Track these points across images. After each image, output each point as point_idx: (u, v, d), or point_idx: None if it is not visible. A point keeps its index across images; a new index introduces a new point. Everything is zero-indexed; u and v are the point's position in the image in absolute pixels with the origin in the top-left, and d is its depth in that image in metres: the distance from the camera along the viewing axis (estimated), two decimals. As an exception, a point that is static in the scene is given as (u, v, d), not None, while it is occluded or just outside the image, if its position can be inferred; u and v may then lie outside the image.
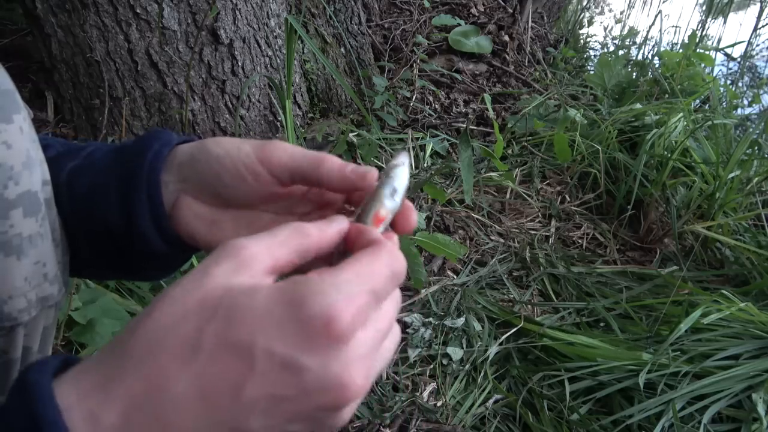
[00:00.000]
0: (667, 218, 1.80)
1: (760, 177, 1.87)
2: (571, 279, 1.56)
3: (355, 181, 0.43)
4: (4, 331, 0.44)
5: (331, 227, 0.36)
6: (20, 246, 0.42)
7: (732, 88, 3.00)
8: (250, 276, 0.31)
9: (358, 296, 0.30)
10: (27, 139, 0.44)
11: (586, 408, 1.17)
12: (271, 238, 0.33)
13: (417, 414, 1.13)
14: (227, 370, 0.29)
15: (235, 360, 0.29)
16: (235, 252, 0.31)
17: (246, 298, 0.30)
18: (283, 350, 0.29)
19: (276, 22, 1.80)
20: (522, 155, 2.13)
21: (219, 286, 0.30)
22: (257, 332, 0.29)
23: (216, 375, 0.28)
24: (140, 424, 0.28)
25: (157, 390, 0.28)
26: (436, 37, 2.58)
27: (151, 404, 0.28)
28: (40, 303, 0.45)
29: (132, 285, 1.20)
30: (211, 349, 0.29)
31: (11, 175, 0.41)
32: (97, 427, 0.28)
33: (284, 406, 0.29)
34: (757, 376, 1.17)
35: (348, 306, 0.29)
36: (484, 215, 1.81)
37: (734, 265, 1.67)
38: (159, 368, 0.28)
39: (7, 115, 0.42)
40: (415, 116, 2.26)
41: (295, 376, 0.29)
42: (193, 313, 0.29)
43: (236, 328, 0.29)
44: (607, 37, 4.22)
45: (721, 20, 3.74)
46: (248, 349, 0.28)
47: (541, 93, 2.47)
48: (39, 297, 0.45)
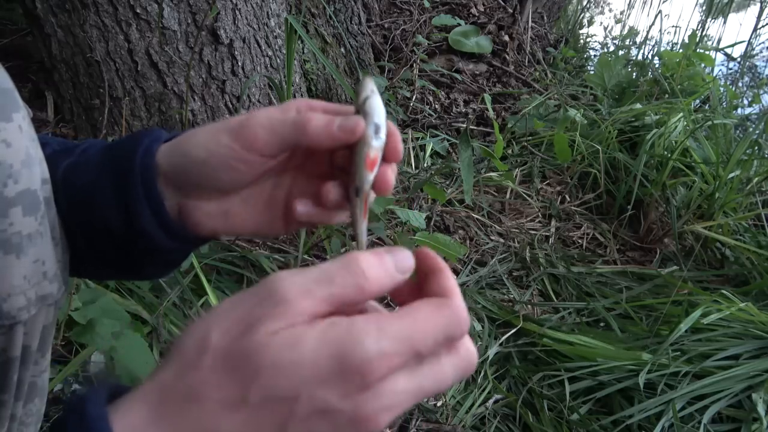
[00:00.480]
0: (667, 218, 1.80)
1: (760, 177, 1.87)
2: (571, 279, 1.56)
3: (345, 138, 0.42)
4: (3, 330, 0.44)
5: (392, 279, 0.34)
6: (20, 244, 0.43)
7: (732, 88, 3.00)
8: (291, 325, 0.31)
9: (399, 355, 0.31)
10: (26, 138, 0.44)
11: (586, 408, 1.17)
12: (318, 283, 0.32)
13: (417, 414, 1.13)
14: (272, 417, 0.30)
15: (279, 408, 0.30)
16: (275, 300, 0.32)
17: (289, 353, 0.30)
18: (323, 397, 0.30)
19: (276, 22, 1.80)
20: (522, 155, 2.13)
21: (259, 343, 0.31)
22: (301, 385, 0.30)
23: (261, 422, 0.30)
24: None
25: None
26: (436, 37, 2.58)
27: None
28: (40, 301, 0.45)
29: (132, 285, 1.20)
30: (258, 402, 0.30)
31: (11, 174, 0.42)
32: None
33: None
34: (757, 376, 1.17)
35: (388, 361, 0.30)
36: (484, 215, 1.81)
37: (734, 265, 1.67)
38: (207, 414, 0.31)
39: (7, 114, 0.42)
40: (415, 116, 2.26)
41: (330, 417, 0.31)
42: (239, 364, 0.31)
43: (281, 384, 0.30)
44: (607, 37, 4.22)
45: (721, 20, 3.74)
46: (293, 399, 0.30)
47: (541, 93, 2.47)
48: (38, 295, 0.45)
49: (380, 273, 0.34)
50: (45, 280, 0.45)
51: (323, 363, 0.30)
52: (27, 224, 0.43)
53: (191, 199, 0.47)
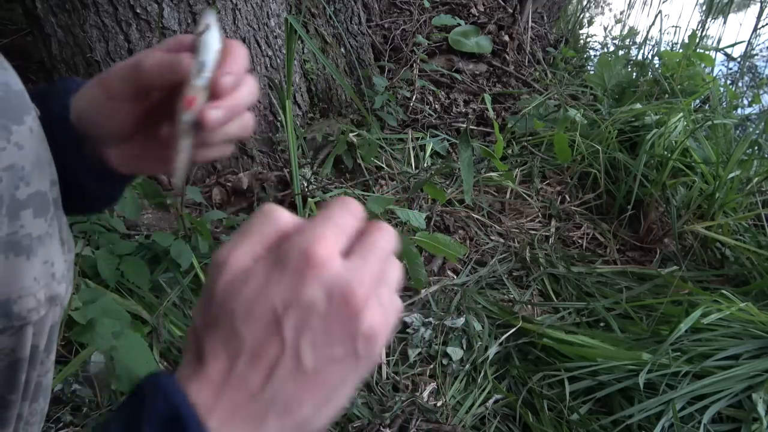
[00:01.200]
0: (667, 218, 1.80)
1: (760, 177, 1.87)
2: (571, 279, 1.56)
3: (170, 77, 0.42)
4: (13, 331, 0.44)
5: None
6: (30, 246, 0.43)
7: (732, 88, 3.00)
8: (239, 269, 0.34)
9: (324, 231, 0.34)
10: (37, 140, 0.44)
11: (586, 408, 1.17)
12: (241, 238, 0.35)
13: (417, 414, 1.13)
14: (266, 340, 0.33)
15: (271, 334, 0.33)
16: (218, 262, 0.35)
17: (244, 286, 0.33)
18: (290, 297, 0.32)
19: (276, 22, 1.80)
20: (522, 155, 2.13)
21: (219, 293, 0.34)
22: (264, 305, 0.33)
23: (257, 344, 0.33)
24: (228, 392, 0.33)
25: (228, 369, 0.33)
26: (436, 37, 2.58)
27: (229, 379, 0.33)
28: (49, 302, 0.45)
29: (132, 285, 1.20)
30: (250, 350, 0.33)
31: (22, 176, 0.42)
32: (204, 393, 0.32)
33: (318, 334, 0.33)
34: (757, 376, 1.17)
35: (315, 240, 0.33)
36: (484, 215, 1.81)
37: (734, 265, 1.67)
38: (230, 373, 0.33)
39: (19, 116, 0.42)
40: (415, 116, 2.26)
41: (310, 310, 0.32)
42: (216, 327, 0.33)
43: (255, 308, 0.33)
44: (607, 37, 4.22)
45: (721, 20, 3.74)
46: (275, 317, 0.33)
47: (541, 93, 2.47)
48: (47, 296, 0.45)
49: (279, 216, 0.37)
50: (54, 281, 0.46)
51: (272, 274, 0.33)
52: (37, 226, 0.43)
53: (102, 146, 0.49)
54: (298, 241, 0.33)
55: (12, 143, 0.41)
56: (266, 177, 1.68)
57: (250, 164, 1.77)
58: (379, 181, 1.88)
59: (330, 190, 1.65)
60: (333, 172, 1.82)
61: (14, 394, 0.49)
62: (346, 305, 0.33)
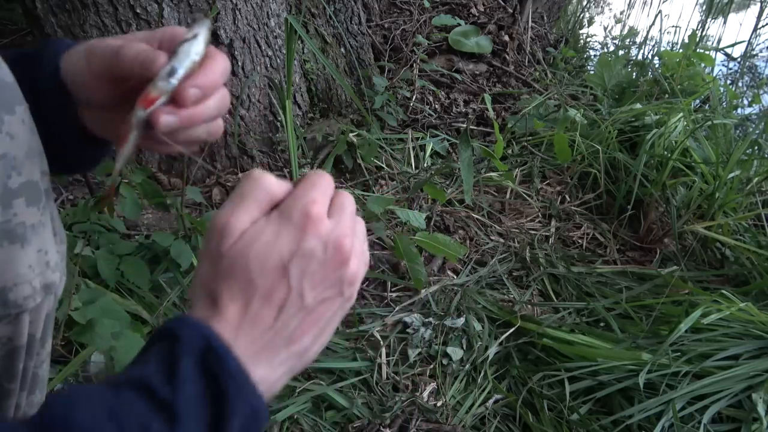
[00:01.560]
0: (667, 218, 1.80)
1: (760, 177, 1.87)
2: (571, 279, 1.56)
3: (142, 71, 0.44)
4: (10, 318, 0.45)
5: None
6: (24, 234, 0.44)
7: (732, 88, 3.00)
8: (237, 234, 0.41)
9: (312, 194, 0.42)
10: (28, 130, 0.45)
11: (586, 408, 1.17)
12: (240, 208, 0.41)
13: (417, 414, 1.13)
14: (276, 285, 0.40)
15: (280, 279, 0.40)
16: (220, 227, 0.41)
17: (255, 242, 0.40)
18: (295, 248, 0.40)
19: (276, 22, 1.80)
20: (522, 155, 2.13)
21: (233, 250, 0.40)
22: (274, 256, 0.40)
23: (269, 288, 0.40)
24: (247, 327, 0.40)
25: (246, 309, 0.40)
26: (436, 37, 2.58)
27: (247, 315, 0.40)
28: (44, 290, 0.47)
29: (132, 285, 1.20)
30: (263, 293, 0.40)
31: (14, 165, 0.43)
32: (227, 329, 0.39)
33: (317, 278, 0.41)
34: (757, 376, 1.17)
35: (312, 201, 0.41)
36: (484, 215, 1.81)
37: (734, 265, 1.67)
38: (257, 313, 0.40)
39: (10, 106, 0.43)
40: (415, 116, 2.26)
41: (310, 258, 0.40)
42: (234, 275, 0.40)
43: (268, 260, 0.40)
44: (607, 37, 4.22)
45: (721, 20, 3.74)
46: (282, 265, 0.40)
47: (541, 93, 2.47)
48: (42, 284, 0.46)
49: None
50: (48, 269, 0.47)
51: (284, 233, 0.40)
52: (30, 215, 0.44)
53: (84, 109, 0.50)
54: (297, 203, 0.41)
55: (4, 133, 0.42)
56: (266, 177, 1.68)
57: (250, 164, 1.77)
58: (379, 181, 1.88)
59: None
60: (333, 172, 1.82)
61: (13, 383, 0.50)
62: (339, 254, 0.41)
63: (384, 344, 1.26)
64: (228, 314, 0.39)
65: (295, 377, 1.16)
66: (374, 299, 1.44)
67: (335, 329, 0.45)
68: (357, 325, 1.32)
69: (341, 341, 1.27)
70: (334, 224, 0.41)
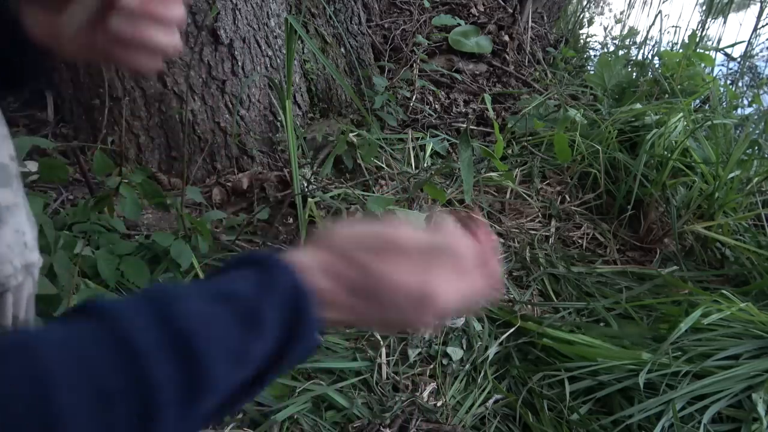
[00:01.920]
0: (667, 218, 1.80)
1: (760, 177, 1.87)
2: (571, 279, 1.56)
3: None
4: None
5: None
6: (0, 216, 0.44)
7: (732, 88, 3.00)
8: None
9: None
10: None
11: (586, 408, 1.17)
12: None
13: (417, 414, 1.13)
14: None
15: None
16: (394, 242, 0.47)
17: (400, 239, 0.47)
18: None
19: (276, 22, 1.80)
20: (522, 155, 2.13)
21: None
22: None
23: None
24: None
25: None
26: (436, 37, 2.58)
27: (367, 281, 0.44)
28: (25, 270, 0.47)
29: (131, 285, 1.20)
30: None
31: None
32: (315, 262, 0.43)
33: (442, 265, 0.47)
34: (757, 376, 1.17)
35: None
36: (484, 215, 1.81)
37: (734, 265, 1.67)
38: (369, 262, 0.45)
39: None
40: (415, 116, 2.26)
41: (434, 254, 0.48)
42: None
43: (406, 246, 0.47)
44: (607, 37, 4.22)
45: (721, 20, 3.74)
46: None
47: (541, 93, 2.47)
48: (22, 264, 0.47)
49: None
50: (26, 249, 0.47)
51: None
52: (4, 196, 0.45)
53: (33, 7, 0.48)
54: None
55: None
56: (266, 177, 1.68)
57: (250, 164, 1.77)
58: (379, 181, 1.88)
59: (330, 190, 1.65)
60: (333, 172, 1.82)
61: None
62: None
63: (384, 344, 1.26)
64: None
65: (295, 377, 1.16)
66: (374, 299, 1.43)
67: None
68: (357, 325, 1.32)
69: (341, 341, 1.27)
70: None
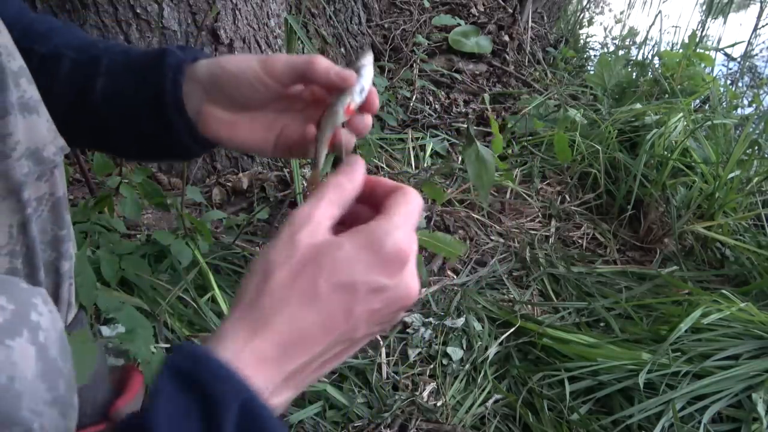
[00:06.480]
0: (667, 218, 1.80)
1: (760, 177, 1.87)
2: (571, 279, 1.56)
3: (337, 82, 0.53)
4: (48, 175, 0.57)
5: (356, 178, 0.46)
6: (36, 106, 0.54)
7: (732, 88, 3.00)
8: (323, 235, 0.42)
9: (411, 231, 0.43)
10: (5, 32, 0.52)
11: (586, 408, 1.17)
12: (322, 202, 0.43)
13: (417, 414, 1.13)
14: (341, 302, 0.40)
15: (344, 295, 0.40)
16: (307, 219, 0.42)
17: (338, 251, 0.40)
18: (375, 279, 0.41)
19: (276, 22, 1.80)
20: (522, 155, 2.13)
21: (309, 246, 0.41)
22: (355, 272, 0.40)
23: (334, 307, 0.40)
24: (290, 351, 0.39)
25: (295, 327, 0.39)
26: (436, 37, 2.58)
27: (294, 337, 0.39)
28: (60, 151, 0.57)
29: (134, 282, 1.20)
30: (327, 291, 0.40)
31: (10, 51, 0.51)
32: (262, 360, 0.38)
33: (376, 315, 0.42)
34: (757, 376, 1.17)
35: (408, 240, 0.42)
36: (484, 215, 1.81)
37: (734, 265, 1.67)
38: (292, 313, 0.39)
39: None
40: (415, 116, 2.26)
41: (383, 293, 0.41)
42: (302, 271, 0.40)
43: (340, 274, 0.40)
44: (607, 37, 4.22)
45: (721, 20, 3.74)
46: (351, 284, 0.40)
47: (541, 93, 2.47)
48: (58, 147, 0.57)
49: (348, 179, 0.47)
50: (57, 135, 0.57)
51: (363, 253, 0.40)
52: (33, 91, 0.54)
53: (212, 104, 0.57)
54: (393, 233, 0.41)
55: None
56: (266, 177, 1.68)
57: (250, 164, 1.77)
58: (379, 181, 1.88)
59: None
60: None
61: (64, 230, 0.61)
62: (407, 299, 0.43)
63: (384, 344, 1.26)
64: (270, 339, 0.39)
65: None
66: (374, 299, 1.44)
67: None
68: (357, 325, 1.32)
69: (341, 341, 1.27)
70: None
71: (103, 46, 0.62)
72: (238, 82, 0.55)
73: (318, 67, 0.53)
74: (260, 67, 0.54)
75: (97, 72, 0.58)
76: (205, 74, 0.56)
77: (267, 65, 0.54)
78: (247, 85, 0.55)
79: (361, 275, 0.40)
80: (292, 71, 0.54)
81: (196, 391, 0.35)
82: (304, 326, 0.39)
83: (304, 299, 0.40)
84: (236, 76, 0.55)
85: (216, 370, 0.36)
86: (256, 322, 0.39)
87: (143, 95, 0.57)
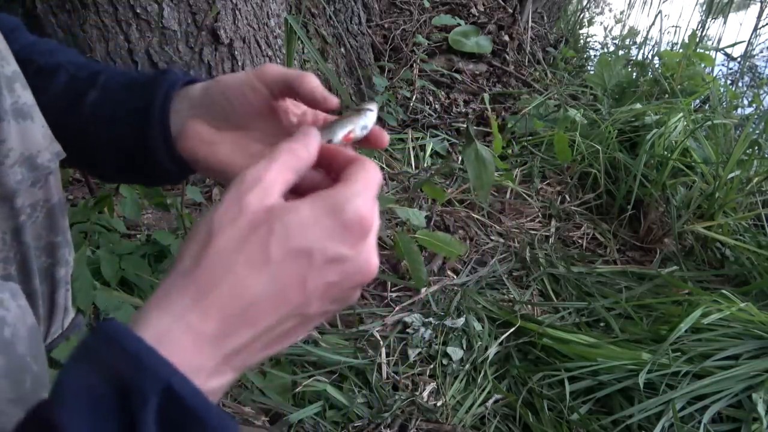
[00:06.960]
0: (667, 218, 1.80)
1: (760, 177, 1.87)
2: (571, 279, 1.56)
3: (319, 99, 0.51)
4: (42, 182, 0.55)
5: (312, 145, 0.43)
6: (30, 112, 0.53)
7: (732, 88, 3.00)
8: (275, 198, 0.38)
9: (373, 200, 0.39)
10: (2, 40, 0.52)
11: (586, 408, 1.17)
12: (275, 164, 0.39)
13: (417, 414, 1.13)
14: (294, 270, 0.36)
15: (299, 261, 0.36)
16: (258, 180, 0.38)
17: (294, 215, 0.36)
18: (333, 247, 0.37)
19: (276, 22, 1.80)
20: (522, 155, 2.13)
21: (260, 209, 0.36)
22: (311, 238, 0.36)
23: (286, 275, 0.36)
24: (234, 326, 0.35)
25: (241, 297, 0.35)
26: (436, 37, 2.58)
27: (239, 309, 0.35)
28: (55, 157, 0.55)
29: (134, 281, 1.20)
30: (279, 256, 0.35)
31: (4, 56, 0.51)
32: (198, 337, 0.34)
33: (332, 290, 0.38)
34: (757, 376, 1.17)
35: (370, 208, 0.38)
36: (484, 215, 1.81)
37: (734, 265, 1.67)
38: (238, 280, 0.35)
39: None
40: (415, 116, 2.26)
41: (341, 264, 0.37)
42: (251, 234, 0.36)
43: (295, 238, 0.36)
44: (607, 37, 4.22)
45: (721, 20, 3.74)
46: (307, 251, 0.36)
47: (541, 93, 2.47)
48: (53, 153, 0.55)
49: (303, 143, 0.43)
50: (53, 141, 0.55)
51: (323, 219, 0.37)
52: (28, 96, 0.53)
53: (196, 121, 0.54)
54: (354, 200, 0.38)
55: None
56: (266, 177, 1.68)
57: (250, 164, 1.77)
58: (379, 181, 1.88)
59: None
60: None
61: (60, 236, 0.59)
62: (367, 273, 0.39)
63: (384, 344, 1.26)
64: (209, 312, 0.34)
65: (295, 371, 1.16)
66: (374, 299, 1.44)
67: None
68: (357, 325, 1.32)
69: (341, 341, 1.27)
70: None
71: (106, 67, 0.61)
72: (228, 90, 0.54)
73: (308, 82, 0.52)
74: (254, 73, 0.54)
75: (92, 85, 0.58)
76: (197, 90, 0.55)
77: (261, 71, 0.54)
78: (236, 91, 0.53)
79: (318, 242, 0.36)
80: (283, 81, 0.53)
81: (110, 380, 0.31)
82: (250, 296, 0.35)
83: (252, 265, 0.35)
84: (227, 84, 0.54)
85: (135, 352, 0.31)
86: (193, 292, 0.34)
87: (132, 106, 0.56)
